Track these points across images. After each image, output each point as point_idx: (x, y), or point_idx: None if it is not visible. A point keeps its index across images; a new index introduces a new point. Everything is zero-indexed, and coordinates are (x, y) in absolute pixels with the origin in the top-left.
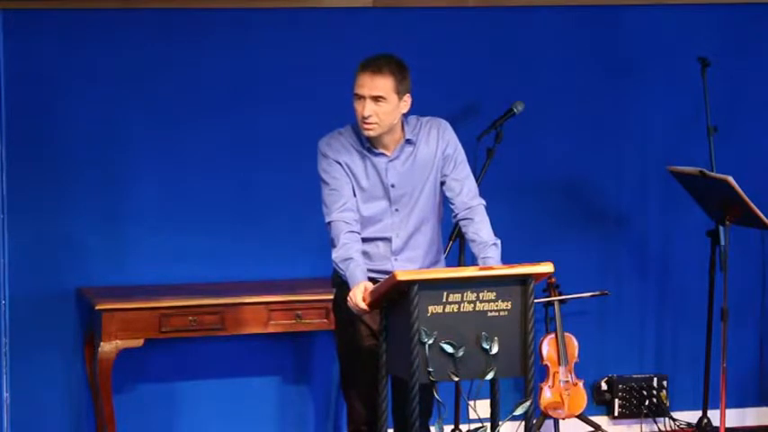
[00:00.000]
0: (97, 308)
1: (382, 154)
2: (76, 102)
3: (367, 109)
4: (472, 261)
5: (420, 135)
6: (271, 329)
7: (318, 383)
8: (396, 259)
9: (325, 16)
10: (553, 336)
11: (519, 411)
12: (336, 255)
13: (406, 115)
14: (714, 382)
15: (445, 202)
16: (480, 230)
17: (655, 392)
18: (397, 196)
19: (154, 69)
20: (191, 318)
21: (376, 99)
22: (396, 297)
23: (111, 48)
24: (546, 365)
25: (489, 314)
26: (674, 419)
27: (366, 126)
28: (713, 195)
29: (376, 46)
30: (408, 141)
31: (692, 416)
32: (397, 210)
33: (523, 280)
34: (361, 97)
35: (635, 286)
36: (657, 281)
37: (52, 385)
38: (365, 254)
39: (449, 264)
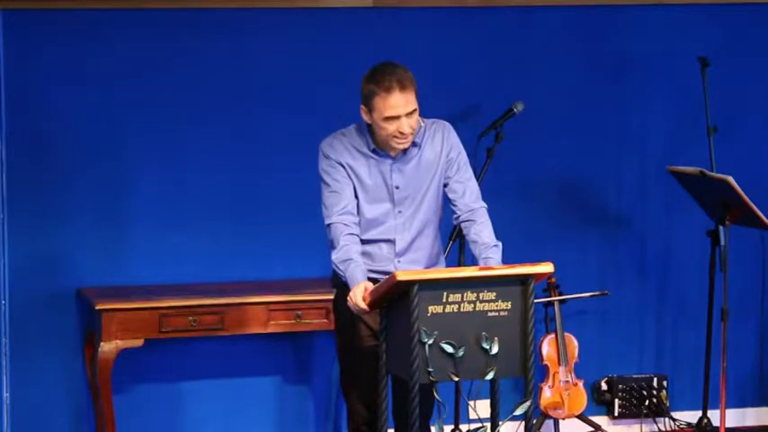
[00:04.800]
0: (97, 308)
1: (387, 155)
2: (76, 102)
3: (406, 126)
4: (472, 261)
5: (425, 137)
6: (271, 329)
7: (318, 383)
8: (399, 261)
9: (325, 16)
10: (553, 336)
11: (519, 411)
12: (336, 256)
13: None
14: (714, 382)
15: (444, 204)
16: (482, 232)
17: (655, 392)
18: (401, 198)
19: (154, 69)
20: (191, 318)
21: (409, 113)
22: (396, 297)
23: (111, 48)
24: (546, 365)
25: (489, 314)
26: (674, 419)
27: (403, 140)
28: (713, 195)
29: (376, 46)
30: (414, 143)
31: (691, 416)
32: (400, 212)
33: (523, 280)
34: (397, 117)
35: (635, 286)
36: (657, 281)
37: (52, 385)
38: (367, 255)
39: (449, 264)
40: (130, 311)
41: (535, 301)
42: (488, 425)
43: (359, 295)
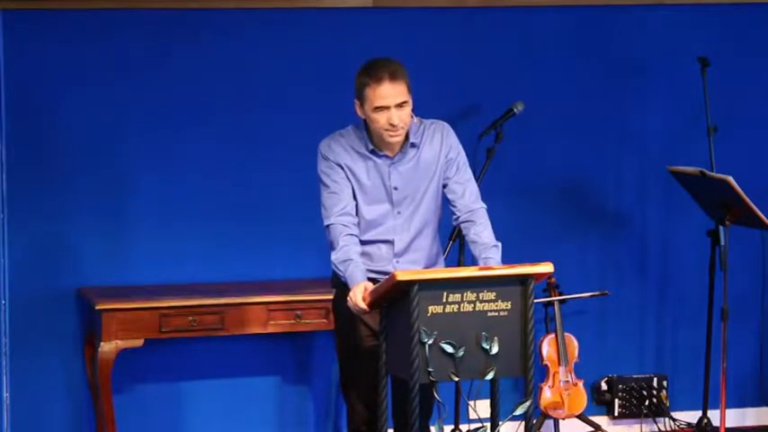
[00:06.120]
0: (97, 308)
1: (386, 156)
2: (76, 102)
3: (395, 117)
4: (472, 261)
5: (424, 138)
6: (271, 329)
7: (318, 383)
8: (398, 261)
9: (325, 16)
10: (553, 336)
11: (519, 411)
12: (336, 257)
13: None
14: (714, 382)
15: (444, 204)
16: (482, 233)
17: (655, 392)
18: (400, 199)
19: (154, 70)
20: (191, 318)
21: (399, 105)
22: (396, 297)
23: (111, 48)
24: (546, 365)
25: (489, 314)
26: (674, 419)
27: (394, 134)
28: (713, 195)
29: (376, 46)
30: (412, 144)
31: (692, 416)
32: (399, 212)
33: (523, 280)
34: (386, 108)
35: (635, 286)
36: (657, 281)
37: (52, 385)
38: (366, 255)
39: (449, 264)
40: (130, 311)
41: (535, 301)
42: (488, 425)
43: (359, 295)
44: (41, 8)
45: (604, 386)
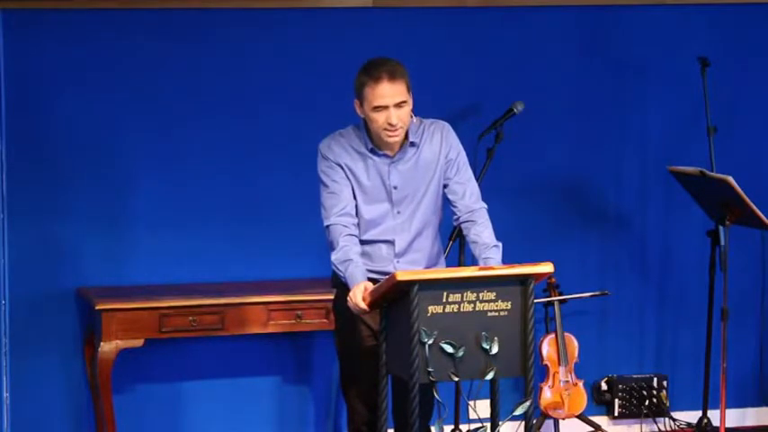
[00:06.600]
0: (97, 308)
1: (385, 155)
2: (76, 102)
3: (394, 117)
4: (472, 261)
5: (424, 137)
6: (271, 329)
7: (318, 383)
8: (398, 261)
9: (325, 16)
10: (553, 336)
11: (519, 411)
12: (335, 257)
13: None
14: (714, 382)
15: (444, 204)
16: (482, 233)
17: (655, 392)
18: (400, 198)
19: (154, 70)
20: (191, 318)
21: (398, 104)
22: (396, 297)
23: (111, 48)
24: (546, 365)
25: (489, 314)
26: (674, 419)
27: (393, 133)
28: (713, 195)
29: (376, 46)
30: (411, 143)
31: (692, 416)
32: (399, 212)
33: (523, 280)
34: (385, 107)
35: (635, 286)
36: (657, 281)
37: (52, 385)
38: (366, 255)
39: (449, 264)
40: (130, 311)
41: (535, 301)
42: (488, 425)
43: (359, 295)
44: (41, 8)
45: (604, 386)
